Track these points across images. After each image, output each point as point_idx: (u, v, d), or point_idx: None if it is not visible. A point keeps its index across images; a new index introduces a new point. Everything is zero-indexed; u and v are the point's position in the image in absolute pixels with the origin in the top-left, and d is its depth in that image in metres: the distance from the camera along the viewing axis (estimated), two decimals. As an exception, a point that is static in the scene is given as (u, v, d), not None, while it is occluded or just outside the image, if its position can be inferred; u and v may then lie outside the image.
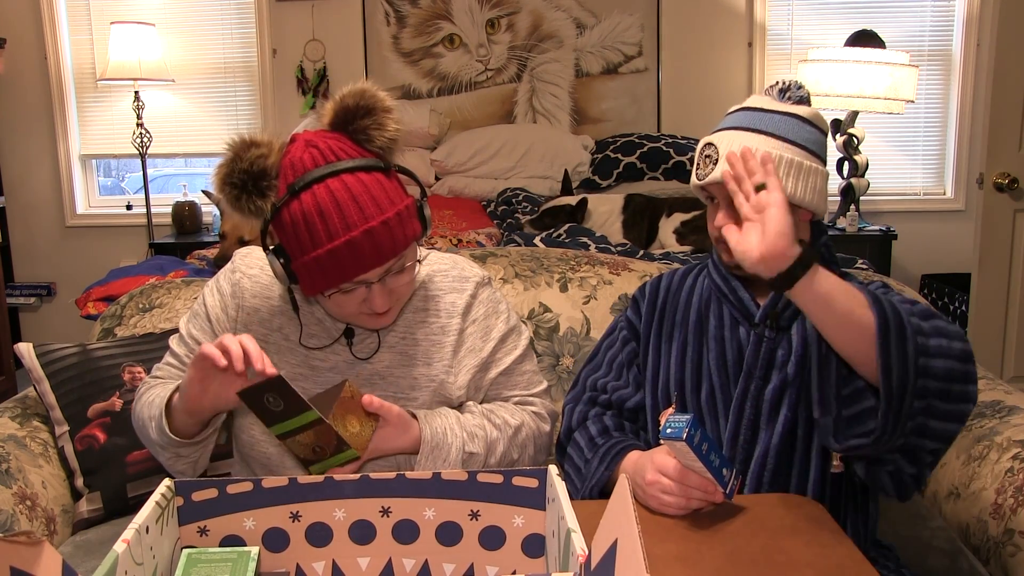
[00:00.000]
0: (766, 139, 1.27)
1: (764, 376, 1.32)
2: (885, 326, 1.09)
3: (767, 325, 1.33)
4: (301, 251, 1.15)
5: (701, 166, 1.31)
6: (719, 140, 1.30)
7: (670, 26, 4.11)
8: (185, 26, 4.17)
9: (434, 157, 3.99)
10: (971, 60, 3.98)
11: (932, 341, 1.12)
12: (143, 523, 0.88)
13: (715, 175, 1.27)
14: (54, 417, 1.64)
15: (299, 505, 1.00)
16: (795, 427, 1.30)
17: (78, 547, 1.51)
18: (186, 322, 1.38)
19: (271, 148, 1.17)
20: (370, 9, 4.15)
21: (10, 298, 4.19)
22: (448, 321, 1.34)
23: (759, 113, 1.30)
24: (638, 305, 1.49)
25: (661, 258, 2.72)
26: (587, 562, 0.77)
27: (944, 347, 1.13)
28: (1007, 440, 1.45)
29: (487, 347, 1.36)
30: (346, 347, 1.32)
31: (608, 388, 1.45)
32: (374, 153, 1.18)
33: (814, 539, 1.11)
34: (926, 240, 4.10)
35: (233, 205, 1.17)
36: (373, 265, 1.15)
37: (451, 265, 1.39)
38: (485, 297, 1.38)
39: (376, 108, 1.17)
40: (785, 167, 1.26)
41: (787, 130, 1.29)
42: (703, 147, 1.32)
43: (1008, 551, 1.32)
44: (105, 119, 4.27)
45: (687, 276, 1.48)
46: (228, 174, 1.16)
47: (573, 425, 1.45)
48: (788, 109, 1.31)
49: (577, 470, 1.38)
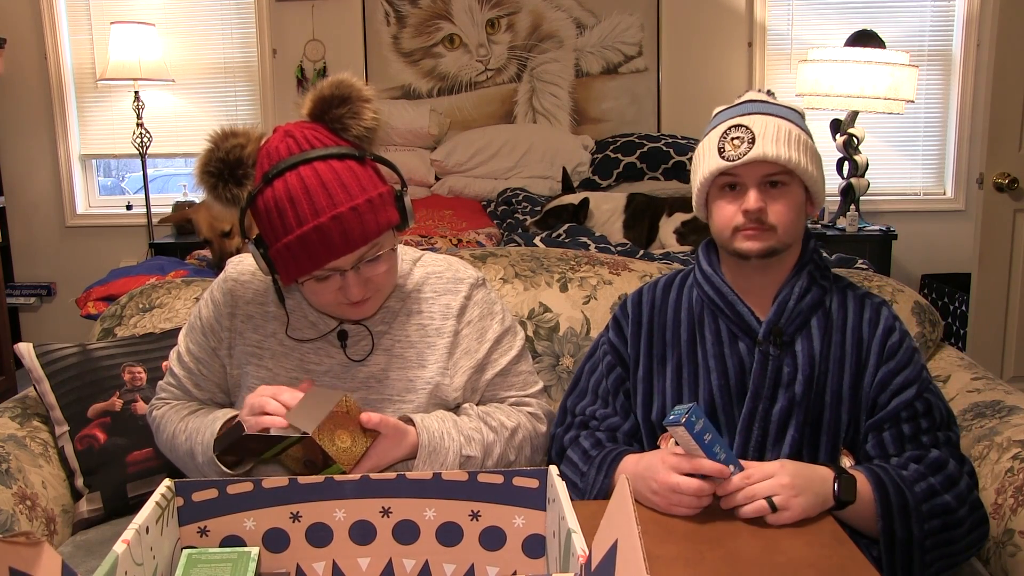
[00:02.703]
0: (789, 124, 1.28)
1: (771, 396, 1.29)
2: (891, 543, 1.20)
3: (771, 342, 1.31)
4: (275, 238, 1.17)
5: (730, 147, 1.26)
6: (751, 121, 1.27)
7: (670, 26, 4.11)
8: (185, 26, 4.17)
9: (434, 157, 3.99)
10: (971, 60, 3.98)
11: (935, 522, 1.21)
12: (143, 523, 0.88)
13: (757, 152, 1.24)
14: (54, 417, 1.63)
15: (299, 505, 1.00)
16: (801, 448, 1.28)
17: (78, 547, 1.51)
18: (184, 337, 1.39)
19: (249, 138, 1.19)
20: (370, 9, 4.15)
21: (10, 298, 4.18)
22: (443, 323, 1.34)
23: (769, 104, 1.32)
24: (620, 327, 1.43)
25: (661, 258, 2.71)
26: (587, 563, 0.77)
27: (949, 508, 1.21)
28: (1007, 440, 1.45)
29: (482, 348, 1.36)
30: (340, 349, 1.31)
31: (598, 416, 1.41)
32: (350, 142, 1.19)
33: (815, 539, 1.11)
34: (926, 240, 4.10)
35: (211, 193, 1.20)
36: (343, 251, 1.15)
37: (445, 267, 1.39)
38: (480, 298, 1.38)
39: (352, 97, 1.19)
40: (811, 153, 1.29)
41: (797, 119, 1.31)
42: (729, 129, 1.28)
43: (1008, 551, 1.32)
44: (105, 119, 4.27)
45: (670, 288, 1.43)
46: (206, 163, 1.19)
47: (566, 445, 1.41)
48: (789, 104, 1.34)
49: (574, 485, 1.35)
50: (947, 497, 1.21)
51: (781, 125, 1.27)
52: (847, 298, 1.35)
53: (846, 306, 1.34)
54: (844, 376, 1.30)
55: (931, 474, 1.23)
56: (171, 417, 1.35)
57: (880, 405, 1.30)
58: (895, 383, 1.29)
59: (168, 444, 1.34)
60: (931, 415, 1.29)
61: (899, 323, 1.34)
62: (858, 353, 1.31)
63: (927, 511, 1.20)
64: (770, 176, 1.27)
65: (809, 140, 1.30)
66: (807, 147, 1.29)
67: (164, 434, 1.35)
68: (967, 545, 1.24)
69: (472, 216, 3.48)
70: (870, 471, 1.22)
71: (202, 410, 1.35)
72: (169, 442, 1.34)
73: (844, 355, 1.31)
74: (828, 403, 1.29)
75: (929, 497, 1.21)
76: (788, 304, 1.31)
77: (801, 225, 1.32)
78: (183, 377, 1.37)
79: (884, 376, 1.30)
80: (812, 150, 1.30)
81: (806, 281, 1.33)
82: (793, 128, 1.28)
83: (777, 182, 1.28)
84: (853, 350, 1.31)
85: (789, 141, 1.26)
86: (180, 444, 1.30)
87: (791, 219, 1.28)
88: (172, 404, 1.38)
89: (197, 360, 1.35)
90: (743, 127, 1.27)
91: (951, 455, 1.27)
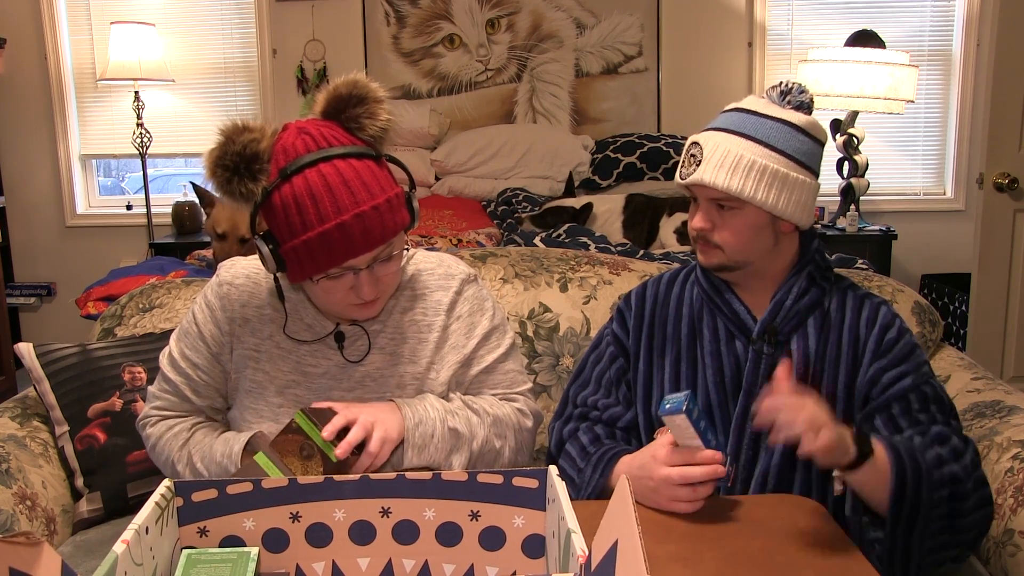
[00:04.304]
0: (753, 145, 1.25)
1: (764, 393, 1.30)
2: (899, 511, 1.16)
3: (765, 340, 1.31)
4: (291, 234, 1.15)
5: (685, 164, 1.30)
6: (705, 140, 1.28)
7: (670, 26, 4.10)
8: (185, 26, 4.17)
9: (434, 157, 3.99)
10: (971, 60, 3.98)
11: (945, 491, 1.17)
12: (143, 524, 0.88)
13: (697, 176, 1.26)
14: (54, 417, 1.63)
15: (299, 505, 1.00)
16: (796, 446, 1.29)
17: (78, 547, 1.51)
18: (176, 341, 1.35)
19: (263, 133, 1.17)
20: (370, 9, 4.15)
21: (10, 298, 4.18)
22: (434, 319, 1.34)
23: (751, 116, 1.28)
24: (624, 318, 1.44)
25: (661, 258, 2.71)
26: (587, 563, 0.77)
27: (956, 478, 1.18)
28: (1007, 440, 1.45)
29: (470, 344, 1.35)
30: (336, 350, 1.31)
31: (599, 405, 1.41)
32: (365, 142, 1.19)
33: (815, 540, 1.11)
34: (926, 240, 4.09)
35: (224, 188, 1.17)
36: (363, 250, 1.15)
37: (437, 263, 1.39)
38: (470, 294, 1.38)
39: (368, 98, 1.18)
40: (769, 177, 1.24)
41: (777, 138, 1.26)
42: (689, 146, 1.31)
43: (1008, 551, 1.32)
44: (105, 119, 4.26)
45: (673, 284, 1.43)
46: (220, 156, 1.15)
47: (564, 437, 1.41)
48: (783, 115, 1.27)
49: (571, 480, 1.36)
50: (955, 467, 1.18)
51: (733, 148, 1.24)
52: (847, 298, 1.35)
53: (845, 306, 1.34)
54: (839, 375, 1.30)
55: (938, 445, 1.21)
56: (170, 443, 1.32)
57: (872, 399, 1.29)
58: (886, 377, 1.28)
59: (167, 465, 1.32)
60: (927, 405, 1.27)
61: (898, 320, 1.33)
62: (854, 352, 1.31)
63: (937, 479, 1.16)
64: (716, 199, 1.28)
65: (772, 164, 1.24)
66: (762, 172, 1.24)
67: (162, 456, 1.33)
68: (972, 524, 1.20)
69: (472, 216, 3.48)
70: (882, 438, 1.20)
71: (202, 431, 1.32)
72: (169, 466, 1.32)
73: (840, 354, 1.31)
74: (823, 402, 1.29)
75: (939, 465, 1.18)
76: (785, 304, 1.32)
77: (760, 244, 1.30)
78: (180, 383, 1.33)
79: (875, 372, 1.29)
80: (772, 174, 1.24)
81: (805, 282, 1.33)
82: (750, 151, 1.24)
83: (724, 205, 1.28)
84: (849, 349, 1.31)
85: (736, 167, 1.24)
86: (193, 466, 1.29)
87: (740, 241, 1.28)
88: (167, 422, 1.34)
89: (195, 366, 1.33)
90: (697, 145, 1.28)
91: (954, 433, 1.25)
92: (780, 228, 1.31)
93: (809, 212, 1.30)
